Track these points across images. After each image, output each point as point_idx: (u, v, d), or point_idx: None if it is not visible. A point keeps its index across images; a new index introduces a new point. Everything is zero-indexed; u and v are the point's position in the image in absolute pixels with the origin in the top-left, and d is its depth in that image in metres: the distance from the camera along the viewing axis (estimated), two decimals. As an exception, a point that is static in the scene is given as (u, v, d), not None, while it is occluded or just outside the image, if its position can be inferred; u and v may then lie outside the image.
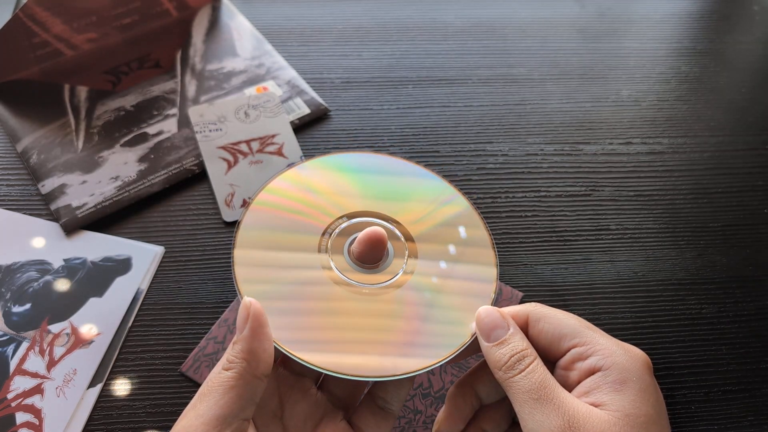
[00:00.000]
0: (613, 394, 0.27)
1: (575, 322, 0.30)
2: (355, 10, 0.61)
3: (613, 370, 0.28)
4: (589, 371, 0.28)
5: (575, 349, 0.29)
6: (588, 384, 0.28)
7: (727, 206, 0.49)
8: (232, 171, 0.48)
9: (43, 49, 0.52)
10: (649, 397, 0.27)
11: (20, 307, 0.41)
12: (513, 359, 0.28)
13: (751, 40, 0.61)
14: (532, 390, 0.27)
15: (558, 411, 0.27)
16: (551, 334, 0.30)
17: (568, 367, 0.29)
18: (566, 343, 0.29)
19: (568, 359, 0.29)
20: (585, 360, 0.29)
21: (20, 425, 0.37)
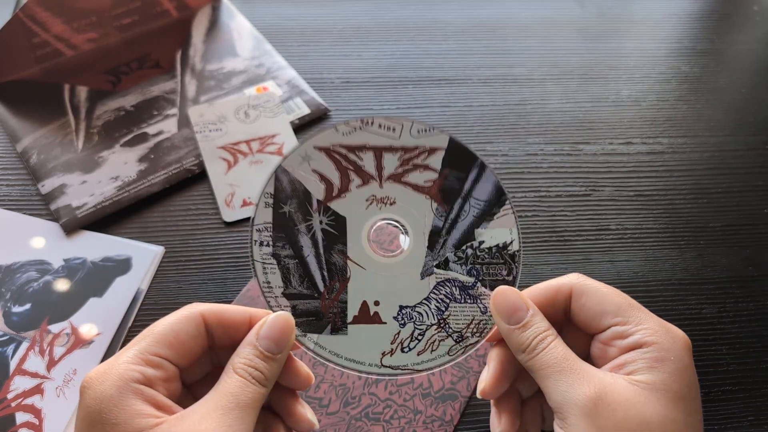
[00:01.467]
0: (647, 370, 0.27)
1: (619, 299, 0.30)
2: (355, 10, 0.61)
3: (652, 348, 0.28)
4: (628, 347, 0.28)
5: (616, 328, 0.29)
6: (624, 358, 0.28)
7: (727, 206, 0.49)
8: (232, 171, 0.48)
9: (43, 49, 0.52)
10: (684, 377, 0.27)
11: (20, 307, 0.41)
12: (536, 341, 0.29)
13: (751, 40, 0.61)
14: (554, 363, 0.28)
15: (585, 380, 0.27)
16: (593, 309, 0.30)
17: (608, 343, 0.29)
18: (608, 320, 0.29)
19: (608, 335, 0.29)
20: (625, 339, 0.29)
21: (20, 425, 0.37)
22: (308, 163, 0.33)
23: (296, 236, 0.33)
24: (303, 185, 0.33)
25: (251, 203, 0.46)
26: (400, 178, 0.34)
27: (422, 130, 0.34)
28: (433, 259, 0.33)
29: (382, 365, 0.32)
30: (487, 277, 0.33)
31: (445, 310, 0.33)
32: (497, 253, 0.33)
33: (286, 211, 0.33)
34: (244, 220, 0.46)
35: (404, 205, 0.34)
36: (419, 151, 0.34)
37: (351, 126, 0.34)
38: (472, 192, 0.34)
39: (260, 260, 0.33)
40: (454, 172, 0.34)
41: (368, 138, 0.34)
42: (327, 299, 0.33)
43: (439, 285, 0.33)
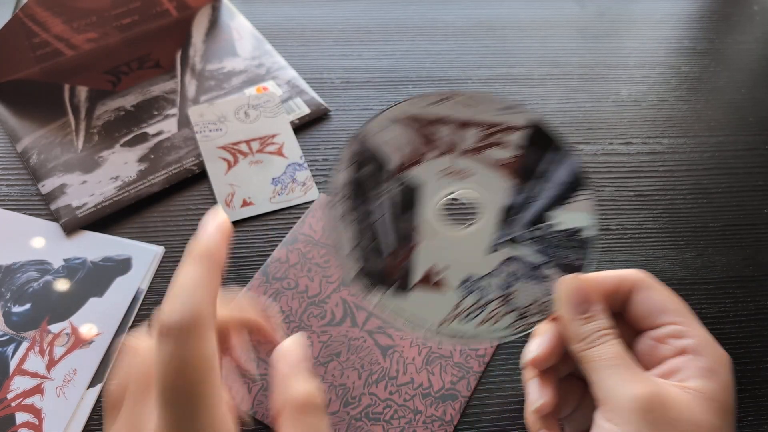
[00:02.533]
0: (700, 379, 0.27)
1: (680, 303, 0.30)
2: (355, 10, 0.61)
3: (705, 357, 0.28)
4: (680, 350, 0.29)
5: (674, 327, 0.29)
6: (676, 362, 0.28)
7: (727, 206, 0.49)
8: (232, 171, 0.48)
9: (43, 49, 0.52)
10: (730, 393, 0.28)
11: (20, 307, 0.41)
12: (595, 336, 0.29)
13: (751, 40, 0.61)
14: (610, 357, 0.28)
15: (639, 379, 0.27)
16: (654, 305, 0.30)
17: (662, 340, 0.29)
18: (666, 318, 0.30)
19: (663, 333, 0.29)
20: (681, 339, 0.29)
21: (20, 425, 0.37)
22: (389, 130, 0.34)
23: (370, 200, 0.34)
24: (381, 151, 0.34)
25: (251, 203, 0.46)
26: (477, 153, 0.34)
27: (507, 107, 0.34)
28: (504, 235, 0.33)
29: (440, 331, 0.32)
30: (556, 260, 0.33)
31: (509, 286, 0.33)
32: (570, 236, 0.33)
33: (363, 174, 0.34)
34: (244, 220, 0.46)
35: (479, 179, 0.34)
36: (500, 128, 0.34)
37: (435, 97, 0.34)
38: (550, 174, 0.34)
39: (333, 220, 0.34)
40: (534, 151, 0.34)
41: (450, 111, 0.34)
42: (393, 262, 0.33)
43: (507, 261, 0.33)
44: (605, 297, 0.31)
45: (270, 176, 0.48)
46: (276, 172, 0.48)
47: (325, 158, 0.50)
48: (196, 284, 0.24)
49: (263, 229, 0.45)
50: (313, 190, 0.48)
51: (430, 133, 0.34)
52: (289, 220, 0.46)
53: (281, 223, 0.46)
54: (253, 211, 0.46)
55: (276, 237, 0.45)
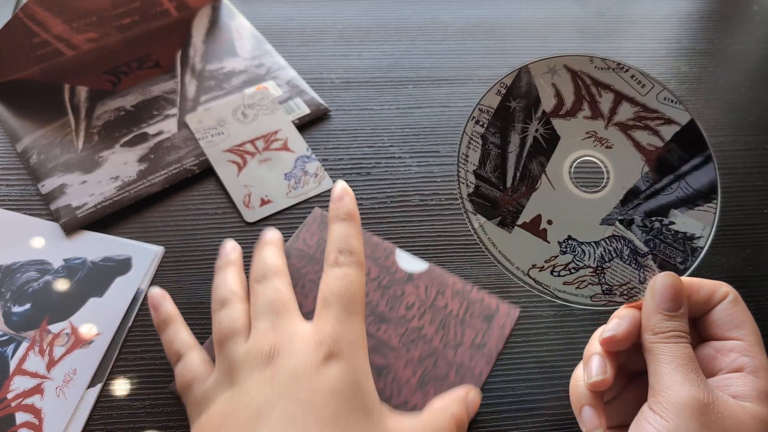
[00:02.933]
0: (755, 400, 0.28)
1: (756, 326, 0.31)
2: (355, 10, 0.61)
3: (763, 381, 0.29)
4: (739, 367, 0.29)
5: (741, 343, 0.30)
6: (733, 378, 0.29)
7: (727, 206, 0.49)
8: (243, 172, 0.48)
9: (43, 49, 0.52)
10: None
11: (20, 307, 0.41)
12: (670, 333, 0.29)
13: (751, 40, 0.61)
14: (680, 356, 0.28)
15: (701, 384, 0.28)
16: (733, 318, 0.31)
17: (724, 352, 0.30)
18: (738, 333, 0.30)
19: (729, 346, 0.30)
20: (743, 356, 0.30)
21: (20, 425, 0.37)
22: (552, 75, 0.35)
23: (509, 131, 0.34)
24: (538, 91, 0.34)
25: (270, 201, 0.46)
26: (626, 129, 0.34)
27: (669, 99, 0.34)
28: (620, 213, 0.34)
29: (527, 275, 0.33)
30: (660, 255, 0.33)
31: (607, 261, 0.33)
32: (681, 239, 0.33)
33: (512, 105, 0.35)
34: (266, 218, 0.46)
35: (618, 153, 0.34)
36: (657, 115, 0.34)
37: (606, 64, 0.35)
38: (686, 175, 0.34)
39: (469, 134, 0.35)
40: (680, 150, 0.34)
41: (617, 81, 0.35)
42: (509, 195, 0.34)
43: (614, 238, 0.33)
44: (692, 304, 0.31)
45: (282, 172, 0.48)
46: (286, 168, 0.48)
47: (326, 158, 0.50)
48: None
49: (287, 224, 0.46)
50: (326, 179, 0.48)
51: (592, 93, 0.34)
52: (308, 212, 0.46)
53: (302, 215, 0.46)
54: (274, 208, 0.46)
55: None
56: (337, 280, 0.35)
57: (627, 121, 0.34)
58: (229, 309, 0.36)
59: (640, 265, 0.33)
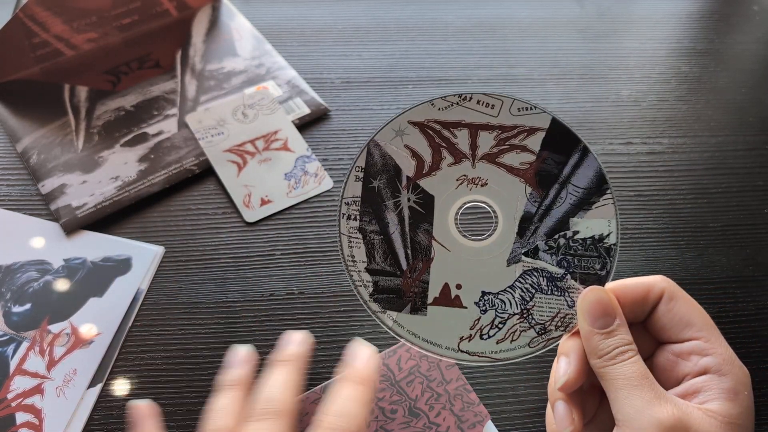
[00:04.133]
0: (724, 401, 0.27)
1: (705, 316, 0.29)
2: (355, 10, 0.61)
3: (729, 378, 0.28)
4: (703, 369, 0.28)
5: (698, 342, 0.29)
6: (699, 383, 0.28)
7: (727, 206, 0.49)
8: (243, 172, 0.48)
9: (43, 49, 0.52)
10: (751, 415, 0.27)
11: (20, 307, 0.41)
12: (616, 351, 0.28)
13: (751, 40, 0.61)
14: (631, 377, 0.27)
15: (663, 401, 0.26)
16: (679, 317, 0.29)
17: (684, 356, 0.29)
18: (691, 332, 0.29)
19: (687, 348, 0.29)
20: (704, 357, 0.28)
21: (20, 425, 0.37)
22: (401, 137, 0.33)
23: (383, 212, 0.33)
24: (394, 160, 0.33)
25: (270, 201, 0.46)
26: (494, 159, 0.33)
27: (523, 108, 0.32)
28: (522, 246, 0.32)
29: (459, 350, 0.31)
30: (578, 270, 0.32)
31: (529, 300, 0.32)
32: (592, 245, 0.32)
33: (375, 185, 0.33)
34: (267, 218, 0.46)
35: (496, 187, 0.33)
36: (518, 130, 0.32)
37: (448, 101, 0.33)
38: (571, 178, 0.32)
39: (347, 233, 0.33)
40: (554, 155, 0.32)
41: (465, 114, 0.33)
42: (409, 278, 0.32)
43: (526, 274, 0.32)
44: (630, 305, 0.30)
45: (282, 172, 0.48)
46: (286, 168, 0.48)
47: (326, 158, 0.50)
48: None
49: (287, 224, 0.46)
50: (327, 179, 0.48)
51: (446, 137, 0.33)
52: (308, 212, 0.46)
53: (302, 214, 0.46)
54: (274, 208, 0.46)
55: (299, 229, 0.45)
56: None
57: (491, 150, 0.32)
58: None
59: (562, 289, 0.31)
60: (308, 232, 0.46)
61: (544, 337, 0.31)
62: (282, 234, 0.45)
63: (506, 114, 0.33)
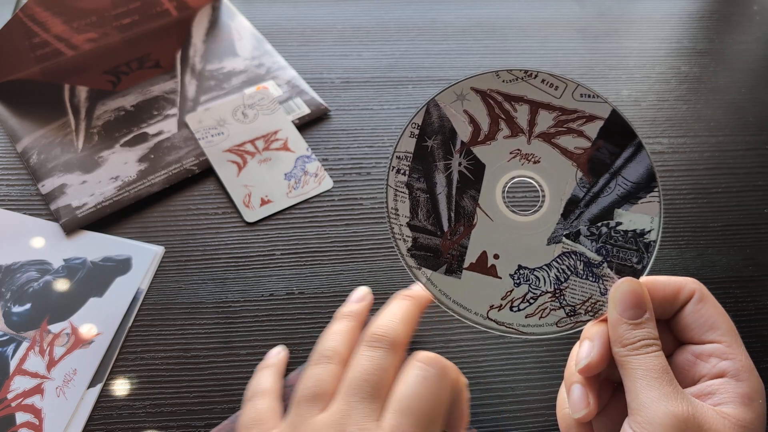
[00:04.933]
0: (739, 406, 0.27)
1: (730, 323, 0.30)
2: (355, 10, 0.61)
3: (746, 384, 0.28)
4: (720, 372, 0.28)
5: (719, 346, 0.29)
6: (715, 385, 0.28)
7: (727, 206, 0.49)
8: (243, 172, 0.48)
9: (43, 49, 0.52)
10: (763, 423, 0.28)
11: (20, 307, 0.41)
12: (641, 343, 0.28)
13: (751, 40, 0.61)
14: (652, 369, 0.27)
15: (680, 397, 0.27)
16: (705, 319, 0.30)
17: (704, 357, 0.29)
18: (714, 335, 0.29)
19: (707, 350, 0.29)
20: (723, 360, 0.29)
21: (20, 425, 0.37)
22: (461, 102, 0.33)
23: (433, 172, 0.33)
24: (451, 123, 0.33)
25: (270, 201, 0.46)
26: (550, 138, 0.33)
27: (586, 95, 0.32)
28: (565, 228, 0.32)
29: (488, 317, 0.32)
30: (615, 260, 0.32)
31: (564, 281, 0.32)
32: (632, 238, 0.32)
33: (429, 145, 0.33)
34: (266, 218, 0.46)
35: (548, 166, 0.33)
36: (578, 115, 0.32)
37: (513, 75, 0.33)
38: (622, 170, 0.32)
39: (393, 186, 0.33)
40: (609, 145, 0.32)
41: (528, 90, 0.33)
42: (449, 239, 0.33)
43: (564, 255, 0.32)
44: (659, 302, 0.30)
45: (282, 172, 0.48)
46: (286, 168, 0.48)
47: (326, 158, 0.50)
48: None
49: (287, 224, 0.46)
50: (327, 179, 0.48)
51: (506, 110, 0.33)
52: (308, 212, 0.46)
53: (302, 215, 0.46)
54: (274, 208, 0.46)
55: (299, 229, 0.45)
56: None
57: (548, 129, 0.32)
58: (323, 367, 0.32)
59: (598, 276, 0.32)
60: (308, 232, 0.46)
61: (572, 318, 0.31)
62: (282, 234, 0.45)
63: (568, 97, 0.32)
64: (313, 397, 0.29)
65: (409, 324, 0.31)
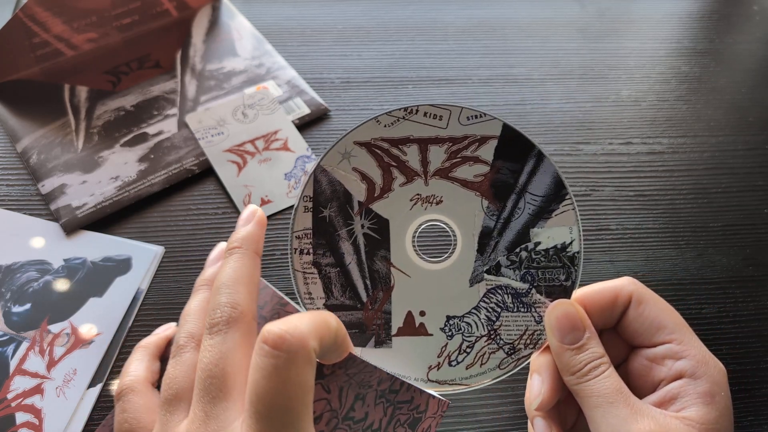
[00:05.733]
0: (702, 406, 0.26)
1: (675, 315, 0.29)
2: (355, 10, 0.61)
3: (704, 380, 0.27)
4: (677, 374, 0.27)
5: (671, 346, 0.28)
6: (675, 388, 0.27)
7: (727, 206, 0.49)
8: (243, 172, 0.48)
9: (43, 49, 0.52)
10: (729, 415, 0.27)
11: (20, 307, 0.41)
12: (588, 367, 0.27)
13: (751, 40, 0.61)
14: (606, 394, 0.26)
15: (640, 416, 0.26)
16: (650, 321, 0.28)
17: (658, 360, 0.28)
18: (663, 336, 0.28)
19: (660, 353, 0.28)
20: (677, 360, 0.27)
21: (20, 425, 0.37)
22: (348, 160, 0.31)
23: (337, 242, 0.31)
24: (343, 186, 0.31)
25: (270, 200, 0.46)
26: (447, 174, 0.31)
27: (472, 116, 0.30)
28: (484, 263, 0.31)
29: (428, 380, 0.30)
30: (542, 283, 0.30)
31: (495, 320, 0.30)
32: (555, 255, 0.30)
33: (326, 215, 0.31)
34: (266, 217, 0.46)
35: (452, 203, 0.31)
36: (469, 141, 0.30)
37: (393, 116, 0.31)
38: (527, 186, 0.30)
39: (301, 270, 0.31)
40: (508, 163, 0.30)
41: (412, 129, 0.31)
42: (370, 310, 0.31)
43: (490, 292, 0.30)
44: (599, 312, 0.29)
45: (282, 172, 0.48)
46: (286, 168, 0.48)
47: (325, 158, 0.50)
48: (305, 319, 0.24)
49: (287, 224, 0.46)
50: None
51: (396, 156, 0.31)
52: None
53: None
54: (274, 208, 0.46)
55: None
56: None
57: (443, 164, 0.31)
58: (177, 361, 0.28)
59: (528, 305, 0.30)
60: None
61: (513, 357, 0.30)
62: (282, 234, 0.45)
63: (455, 124, 0.31)
64: (172, 400, 0.26)
65: (244, 284, 0.27)
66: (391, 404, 0.29)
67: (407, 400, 0.30)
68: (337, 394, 0.29)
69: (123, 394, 0.28)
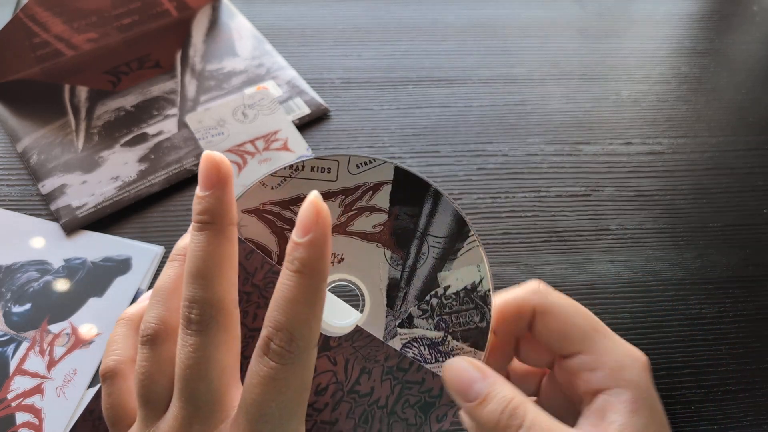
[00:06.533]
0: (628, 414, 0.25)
1: (583, 322, 0.27)
2: (355, 10, 0.61)
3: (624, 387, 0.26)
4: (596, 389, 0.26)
5: (582, 358, 0.27)
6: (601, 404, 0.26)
7: (727, 206, 0.49)
8: (243, 172, 0.48)
9: (44, 49, 0.52)
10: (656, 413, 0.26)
11: (20, 307, 0.41)
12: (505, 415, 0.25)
13: (751, 40, 0.61)
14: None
15: None
16: (557, 332, 0.27)
17: (575, 374, 0.27)
18: (572, 346, 0.27)
19: (575, 366, 0.27)
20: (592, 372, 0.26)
21: (20, 425, 0.37)
22: (239, 231, 0.28)
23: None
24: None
25: None
26: (344, 229, 0.29)
27: (361, 164, 0.28)
28: (395, 317, 0.29)
29: None
30: (457, 328, 0.28)
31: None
32: (466, 297, 0.29)
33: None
34: None
35: (354, 260, 0.29)
36: (362, 190, 0.28)
37: (279, 176, 0.28)
38: (428, 229, 0.29)
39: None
40: (405, 208, 0.29)
41: (302, 187, 0.28)
42: None
43: (406, 347, 0.28)
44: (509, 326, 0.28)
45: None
46: None
47: (325, 158, 0.50)
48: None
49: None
50: None
51: (288, 218, 0.28)
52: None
53: None
54: None
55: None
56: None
57: (339, 219, 0.28)
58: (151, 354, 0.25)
59: (446, 353, 0.28)
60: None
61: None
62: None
63: (345, 175, 0.28)
64: (150, 399, 0.24)
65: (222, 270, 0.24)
66: (399, 383, 0.29)
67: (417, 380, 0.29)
68: (343, 366, 0.28)
69: (108, 377, 0.26)
